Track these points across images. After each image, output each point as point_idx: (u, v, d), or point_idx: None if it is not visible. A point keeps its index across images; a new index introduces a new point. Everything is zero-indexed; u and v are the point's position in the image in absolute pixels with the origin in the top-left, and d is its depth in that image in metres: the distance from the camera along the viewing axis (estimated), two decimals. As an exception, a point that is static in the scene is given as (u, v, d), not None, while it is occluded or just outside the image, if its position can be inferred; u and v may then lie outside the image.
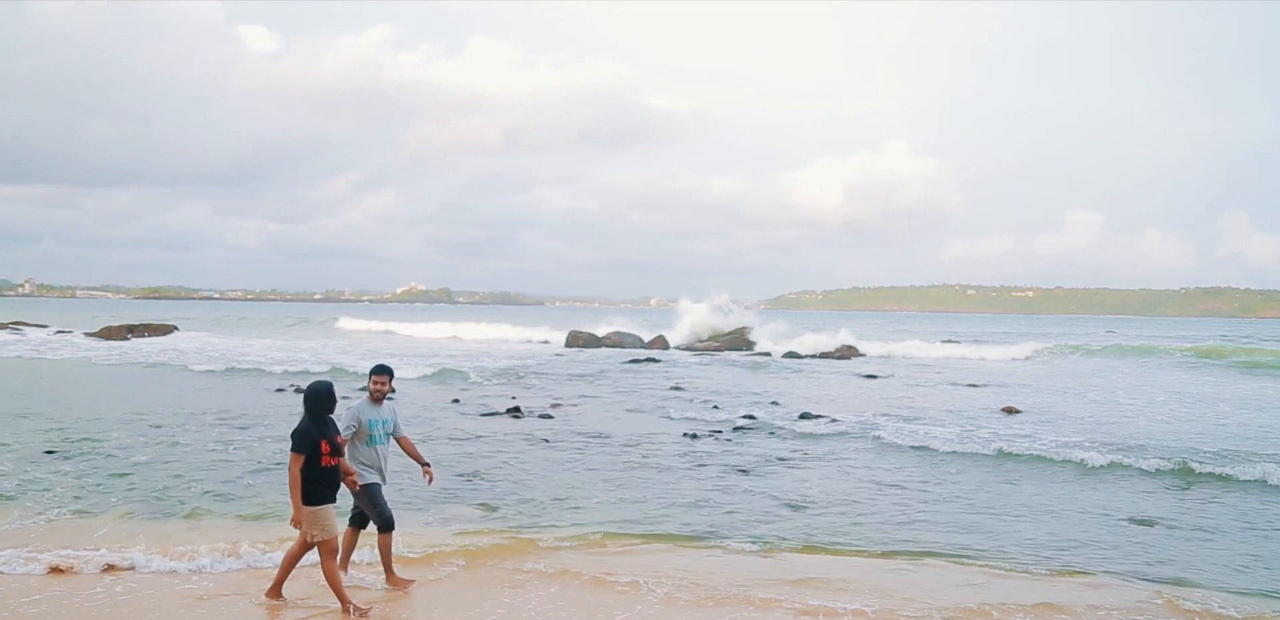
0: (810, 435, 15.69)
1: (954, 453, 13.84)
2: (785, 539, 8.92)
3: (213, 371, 26.99)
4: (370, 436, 6.93)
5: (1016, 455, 13.56)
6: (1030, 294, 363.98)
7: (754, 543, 8.77)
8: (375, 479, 6.98)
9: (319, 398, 6.41)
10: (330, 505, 6.41)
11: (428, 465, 7.34)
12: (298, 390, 21.49)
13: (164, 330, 47.40)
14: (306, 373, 26.31)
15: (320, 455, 6.30)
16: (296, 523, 6.32)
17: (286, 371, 26.61)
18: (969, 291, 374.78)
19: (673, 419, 17.83)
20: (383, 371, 7.12)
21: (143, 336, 44.88)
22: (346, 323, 69.52)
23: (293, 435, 6.32)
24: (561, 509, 10.00)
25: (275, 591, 6.73)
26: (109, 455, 12.51)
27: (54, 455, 12.41)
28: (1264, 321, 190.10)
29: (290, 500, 6.31)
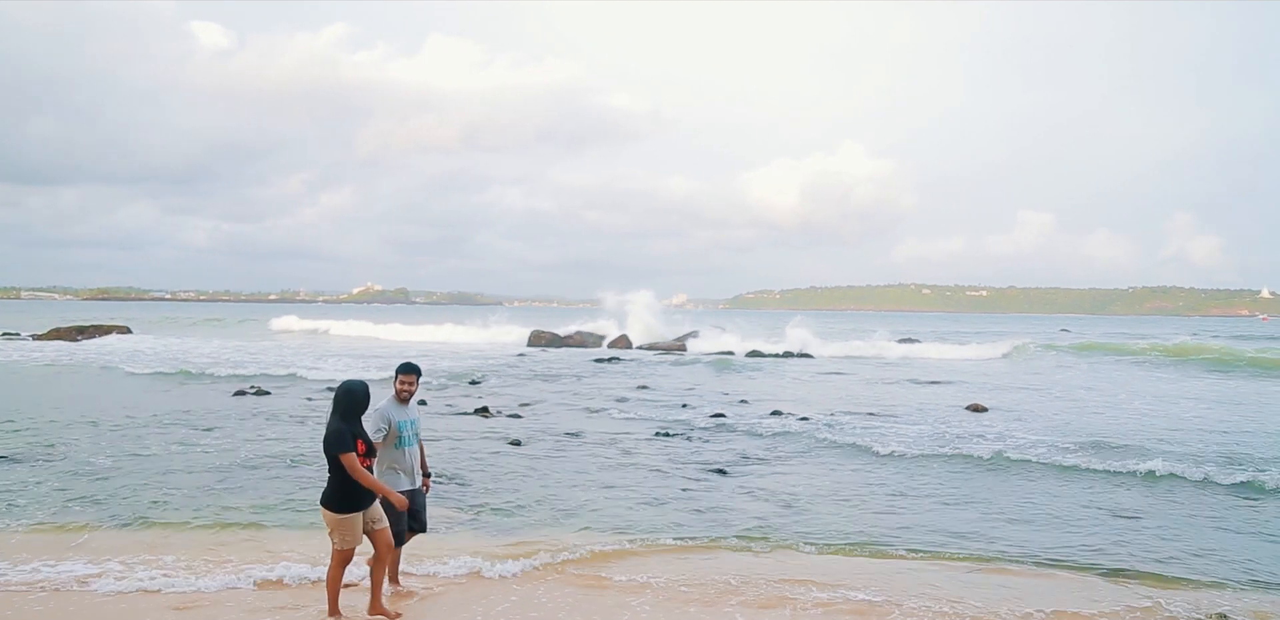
0: (783, 433, 15.62)
1: (928, 450, 13.81)
2: (784, 538, 8.85)
3: (169, 374, 26.25)
4: (400, 438, 6.56)
5: (990, 453, 13.55)
6: (984, 293, 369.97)
7: (752, 542, 8.68)
8: (405, 485, 6.59)
9: (355, 398, 6.00)
10: (361, 513, 6.03)
11: (429, 477, 7.03)
12: (259, 392, 21.02)
13: (116, 331, 46.25)
14: (263, 375, 25.70)
15: (356, 457, 5.93)
16: (404, 505, 6.28)
17: (236, 375, 25.68)
18: (924, 291, 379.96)
19: (643, 418, 17.69)
20: (411, 371, 6.74)
21: (93, 338, 43.74)
22: (278, 322, 66.28)
23: (328, 439, 5.90)
24: (550, 511, 9.81)
25: (380, 590, 6.37)
26: (67, 459, 12.05)
27: (4, 460, 11.94)
28: (1208, 319, 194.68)
29: (380, 493, 6.08)
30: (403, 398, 6.67)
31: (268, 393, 21.05)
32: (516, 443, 14.27)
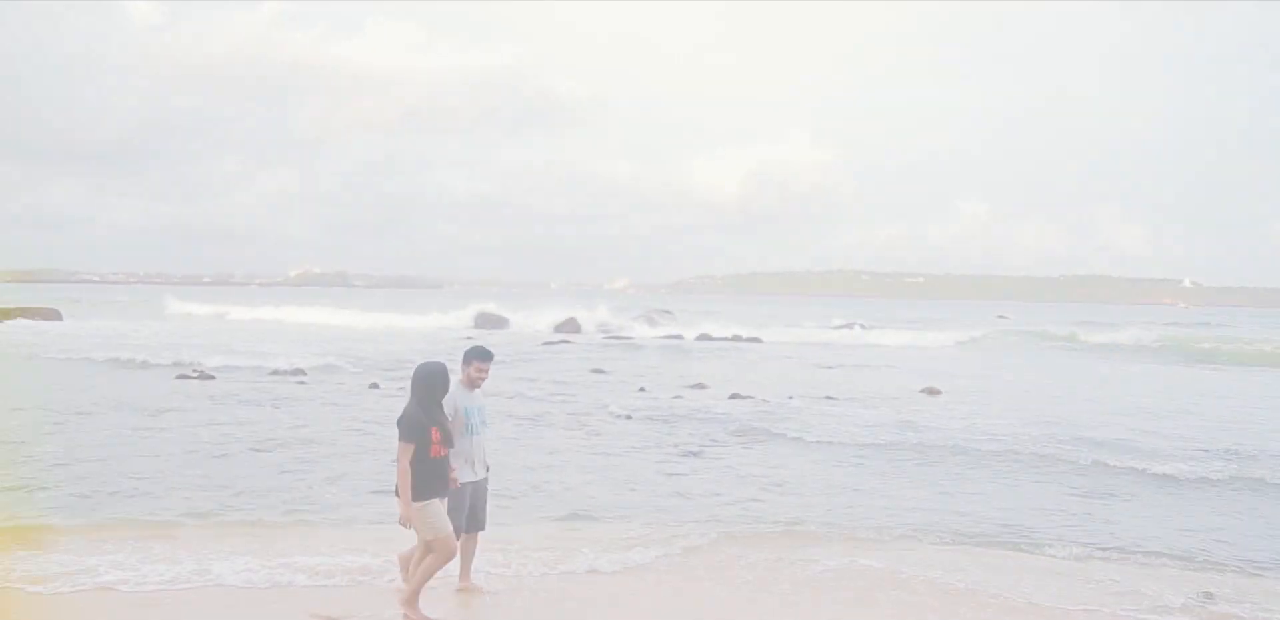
0: (746, 416, 15.50)
1: (893, 433, 13.82)
2: (783, 520, 8.82)
3: (102, 358, 24.84)
4: (467, 426, 6.25)
5: (955, 436, 13.59)
6: (921, 280, 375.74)
7: (752, 525, 8.63)
8: (469, 476, 6.25)
9: (435, 381, 5.72)
10: (438, 500, 5.69)
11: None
12: (202, 376, 20.29)
13: (46, 315, 44.37)
14: (201, 360, 24.45)
15: (430, 444, 5.61)
16: (406, 521, 5.66)
17: (176, 360, 24.22)
18: (863, 277, 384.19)
19: (602, 402, 17.40)
20: (486, 357, 6.39)
21: (15, 321, 41.89)
22: (177, 306, 59.38)
23: (400, 422, 5.61)
24: (541, 499, 9.62)
25: (412, 605, 5.81)
26: (12, 449, 11.34)
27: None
28: (1136, 307, 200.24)
29: (400, 497, 5.59)
30: (474, 384, 6.38)
31: (212, 377, 20.32)
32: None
